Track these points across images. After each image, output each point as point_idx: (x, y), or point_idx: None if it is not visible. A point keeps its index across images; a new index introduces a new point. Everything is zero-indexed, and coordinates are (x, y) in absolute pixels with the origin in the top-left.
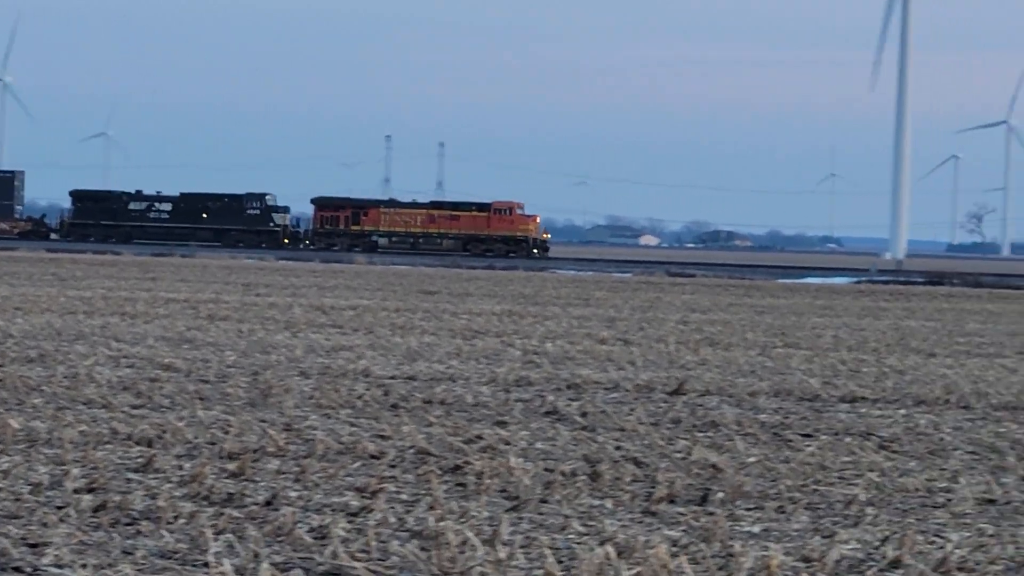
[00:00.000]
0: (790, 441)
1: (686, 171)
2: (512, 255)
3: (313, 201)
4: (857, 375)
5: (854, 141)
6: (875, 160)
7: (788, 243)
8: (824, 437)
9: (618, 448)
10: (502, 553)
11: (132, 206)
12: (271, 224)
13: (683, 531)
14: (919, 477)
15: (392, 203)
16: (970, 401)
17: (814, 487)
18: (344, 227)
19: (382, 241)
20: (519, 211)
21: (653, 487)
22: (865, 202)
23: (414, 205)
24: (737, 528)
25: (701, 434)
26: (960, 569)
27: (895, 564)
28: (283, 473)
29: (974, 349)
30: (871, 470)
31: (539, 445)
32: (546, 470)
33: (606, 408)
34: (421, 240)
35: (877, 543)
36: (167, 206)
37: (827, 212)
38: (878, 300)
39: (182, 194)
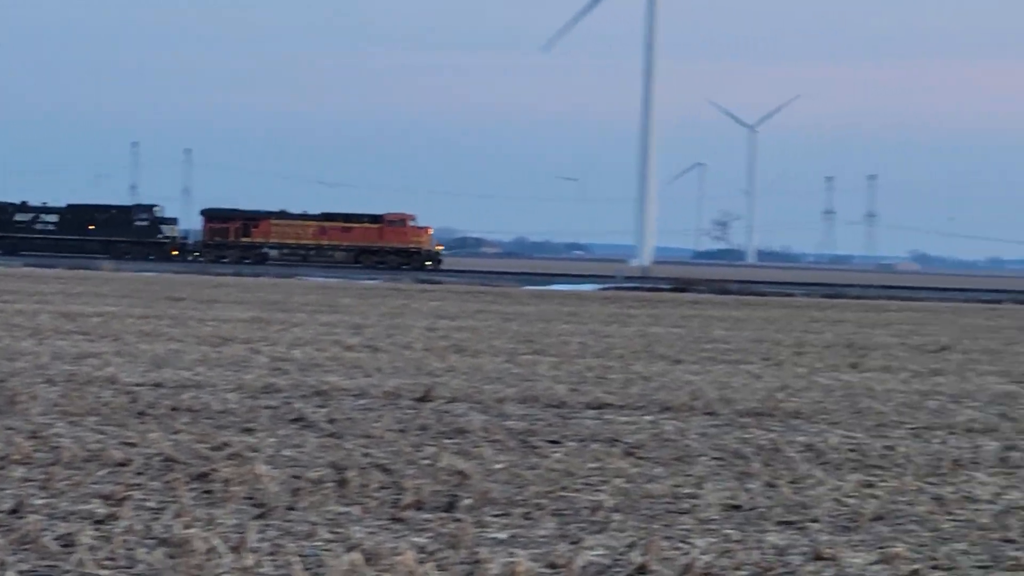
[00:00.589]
0: (537, 447)
1: (434, 176)
2: (404, 267)
3: (203, 212)
4: (603, 381)
5: (603, 147)
6: (623, 166)
7: (536, 249)
8: (571, 443)
9: (365, 455)
10: (249, 560)
11: (17, 217)
12: (160, 236)
13: (430, 538)
14: (665, 483)
15: (283, 215)
16: (715, 407)
17: (561, 493)
18: (234, 239)
19: (273, 253)
20: (412, 223)
21: (400, 494)
22: (613, 208)
23: (305, 217)
24: (484, 534)
25: (448, 441)
26: (705, 574)
27: (641, 570)
28: (29, 481)
29: (720, 355)
30: (617, 476)
31: (286, 452)
32: (293, 477)
33: (353, 415)
34: (313, 252)
35: (623, 549)
36: (54, 217)
37: (575, 218)
38: (625, 307)
39: (69, 205)
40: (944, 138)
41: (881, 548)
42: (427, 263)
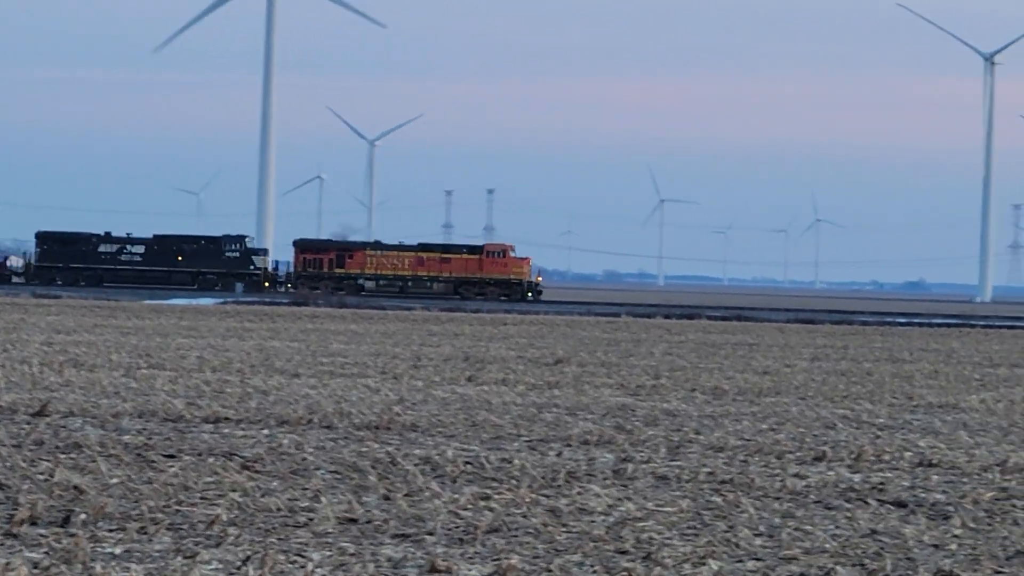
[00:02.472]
0: (153, 462)
1: (55, 191)
2: (504, 298)
3: (295, 243)
4: (221, 395)
5: (229, 157)
6: (244, 179)
7: None
8: (187, 457)
9: None
10: None
11: (102, 248)
12: (251, 267)
13: (44, 553)
14: (282, 496)
15: (378, 245)
16: (333, 421)
17: (177, 507)
18: (328, 270)
19: (369, 284)
20: (512, 253)
21: (15, 509)
22: (232, 222)
23: (401, 247)
24: (99, 549)
25: (64, 455)
26: None
27: None
28: None
29: (338, 369)
30: (234, 490)
31: None
32: None
33: None
34: (410, 283)
35: (239, 563)
36: (140, 248)
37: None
38: (243, 321)
39: (155, 236)
40: (560, 154)
41: (496, 560)
42: (528, 294)
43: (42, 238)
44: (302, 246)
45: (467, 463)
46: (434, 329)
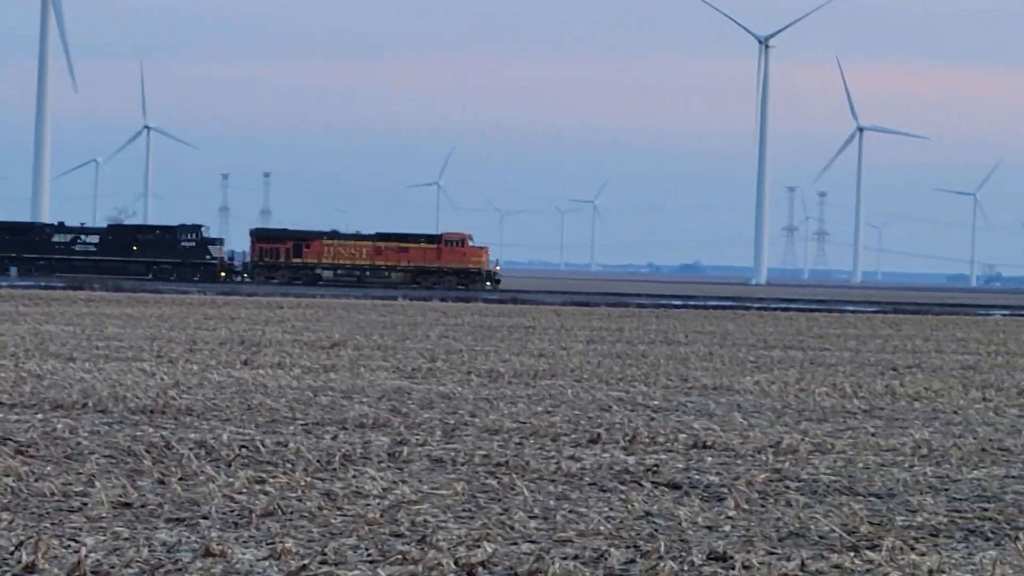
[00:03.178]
0: None
1: None
2: (461, 287)
3: (252, 233)
4: None
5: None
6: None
7: None
8: None
9: None
10: None
11: (56, 238)
12: (207, 256)
13: None
14: (55, 481)
15: (335, 234)
16: (107, 405)
17: None
18: (285, 260)
19: (326, 274)
20: (470, 243)
21: None
22: (6, 207)
23: (359, 237)
24: None
25: None
26: (95, 572)
27: (30, 569)
28: None
29: (113, 353)
30: (7, 475)
31: None
32: None
33: None
34: (368, 273)
35: (12, 548)
36: (94, 238)
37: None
38: (18, 305)
39: (110, 226)
40: (336, 136)
41: (271, 544)
42: (487, 283)
43: None
44: (258, 235)
45: (242, 447)
46: (210, 313)
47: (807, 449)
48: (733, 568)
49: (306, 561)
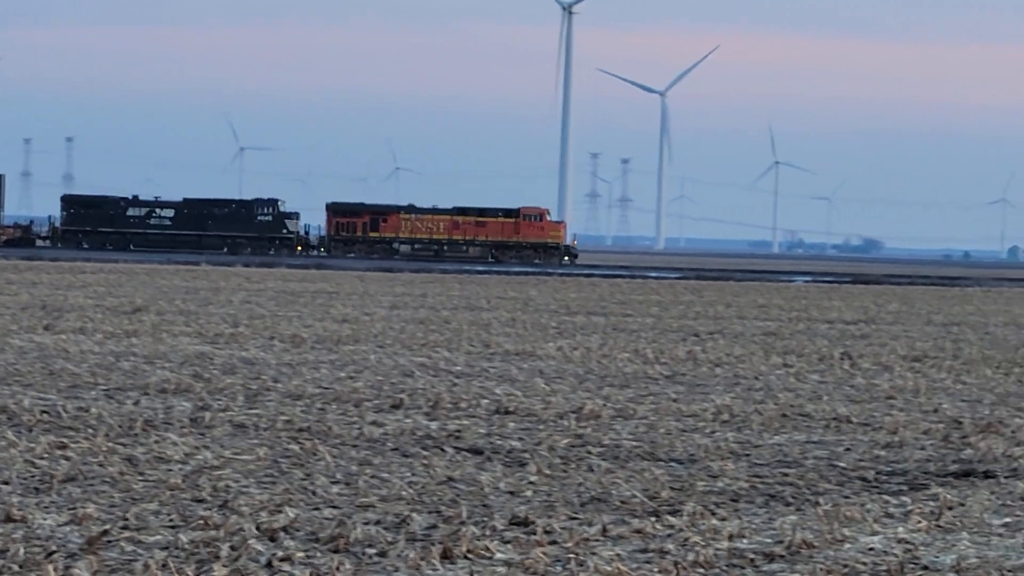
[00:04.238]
0: None
1: None
2: (538, 262)
3: (328, 207)
4: None
5: None
6: None
7: None
8: None
9: None
10: None
11: (131, 212)
12: (284, 230)
13: None
14: None
15: (412, 208)
16: None
17: None
18: (362, 233)
19: (404, 248)
20: (548, 217)
21: None
22: None
23: (435, 211)
24: None
25: None
26: None
27: None
28: None
29: None
30: None
31: None
32: None
33: None
34: (446, 247)
35: None
36: (169, 212)
37: None
38: None
39: (185, 199)
40: (141, 101)
41: (72, 509)
42: (564, 258)
43: (68, 201)
44: (335, 209)
45: (44, 412)
46: (12, 278)
47: (609, 415)
48: (534, 533)
49: (107, 526)
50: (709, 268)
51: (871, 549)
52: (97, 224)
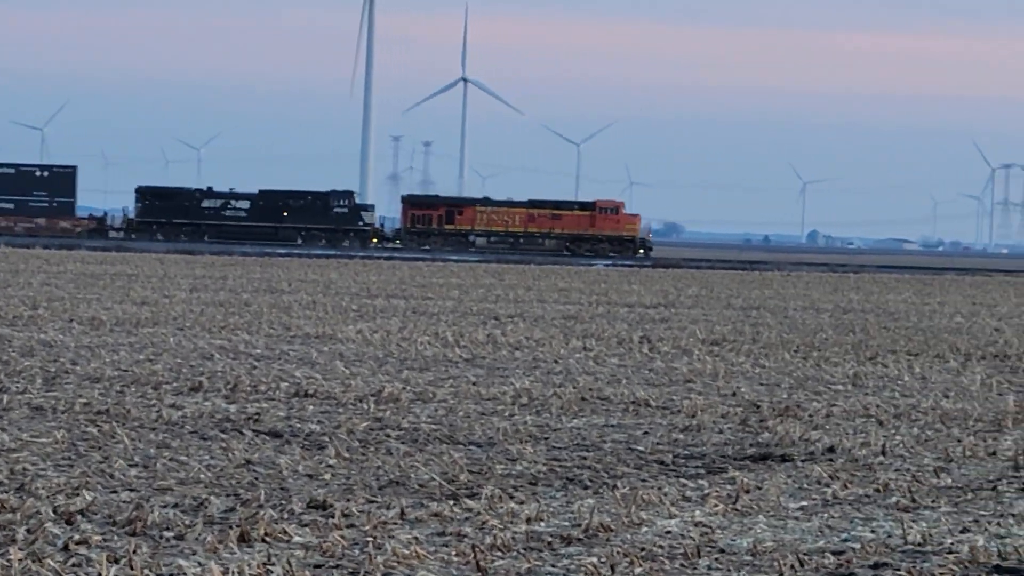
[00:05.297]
0: None
1: None
2: (614, 255)
3: (404, 199)
4: None
5: None
6: None
7: None
8: None
9: None
10: None
11: (206, 203)
12: (360, 223)
13: None
14: None
15: (487, 201)
16: None
17: None
18: (438, 226)
19: (480, 241)
20: (624, 210)
21: None
22: None
23: (511, 204)
24: None
25: None
26: None
27: None
28: None
29: None
30: None
31: None
32: None
33: None
34: (522, 240)
35: None
36: (244, 203)
37: None
38: None
39: (261, 191)
40: None
41: None
42: (640, 251)
43: (143, 192)
44: (411, 202)
45: None
46: None
47: (408, 398)
48: (333, 516)
49: None
50: (511, 252)
51: (668, 532)
52: (172, 215)
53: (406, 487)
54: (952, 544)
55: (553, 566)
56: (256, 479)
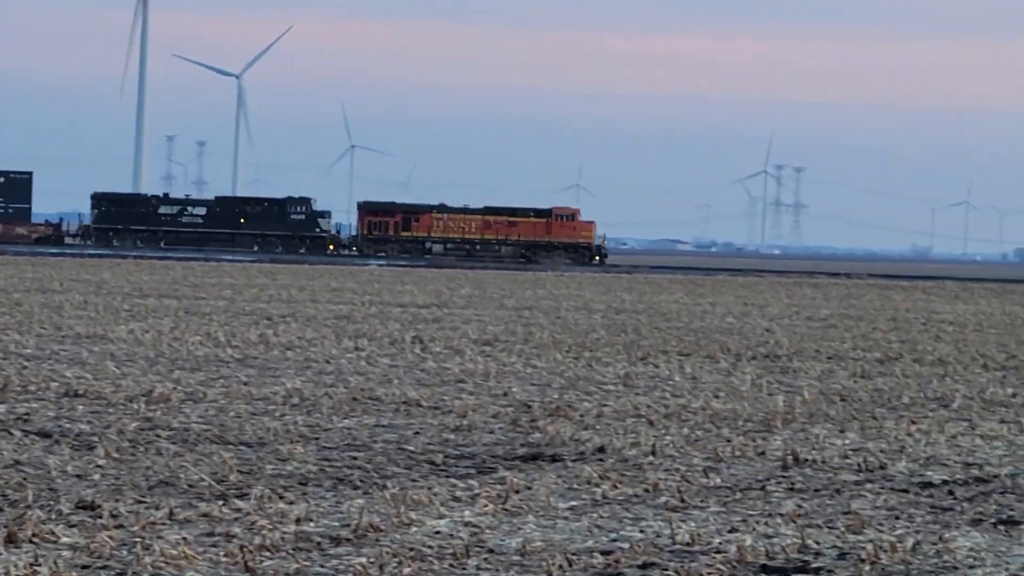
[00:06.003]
0: None
1: None
2: (569, 263)
3: (359, 206)
4: None
5: None
6: None
7: None
8: None
9: None
10: None
11: (162, 210)
12: (317, 229)
13: None
14: None
15: (443, 208)
16: None
17: None
18: (394, 233)
19: (436, 247)
20: (579, 217)
21: None
22: None
23: (468, 211)
24: None
25: None
26: None
27: None
28: None
29: None
30: None
31: None
32: None
33: None
34: (479, 247)
35: None
36: (201, 210)
37: None
38: None
39: (217, 198)
40: None
41: None
42: (595, 258)
43: (98, 199)
44: (367, 208)
45: None
46: None
47: (179, 398)
48: (101, 517)
49: None
50: (281, 254)
51: (438, 532)
52: (129, 222)
53: (175, 487)
54: (720, 544)
55: (322, 566)
56: (24, 479)
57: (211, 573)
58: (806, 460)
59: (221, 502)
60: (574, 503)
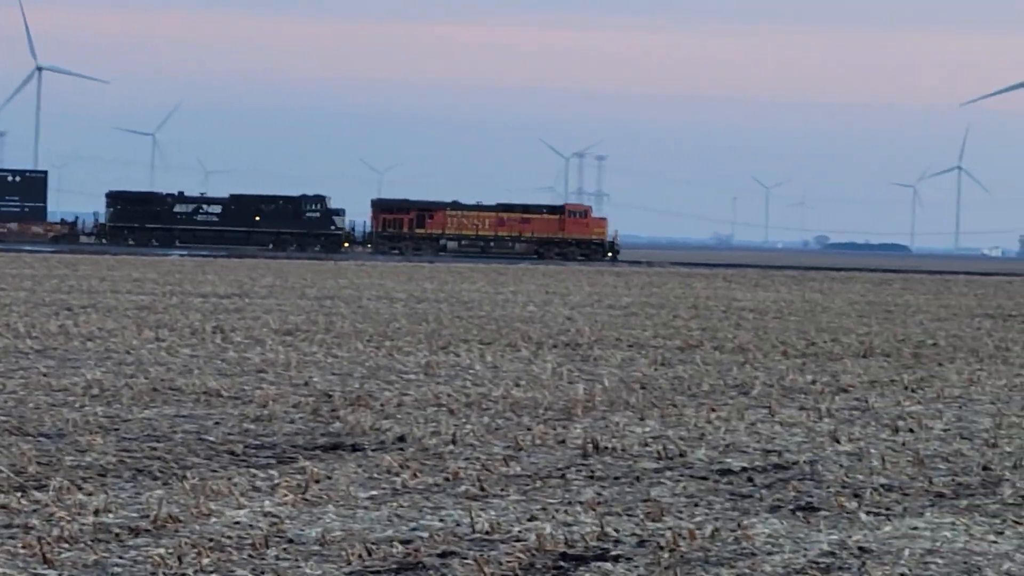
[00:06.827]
0: None
1: None
2: (582, 259)
3: (374, 204)
4: None
5: None
6: None
7: None
8: None
9: None
10: None
11: (178, 208)
12: (332, 227)
13: None
14: None
15: (457, 205)
16: None
17: None
18: (408, 230)
19: (451, 244)
20: (592, 214)
21: None
22: None
23: (480, 207)
24: None
25: None
26: None
27: None
28: None
29: None
30: None
31: None
32: None
33: None
34: (492, 244)
35: None
36: (216, 208)
37: None
38: None
39: (232, 196)
40: None
41: None
42: (607, 255)
43: (113, 198)
44: (381, 206)
45: None
46: None
47: None
48: None
49: None
50: (85, 244)
51: (237, 523)
52: (144, 220)
53: None
54: (520, 532)
55: (120, 557)
56: None
57: (9, 565)
58: (606, 448)
59: (19, 494)
60: (374, 492)
